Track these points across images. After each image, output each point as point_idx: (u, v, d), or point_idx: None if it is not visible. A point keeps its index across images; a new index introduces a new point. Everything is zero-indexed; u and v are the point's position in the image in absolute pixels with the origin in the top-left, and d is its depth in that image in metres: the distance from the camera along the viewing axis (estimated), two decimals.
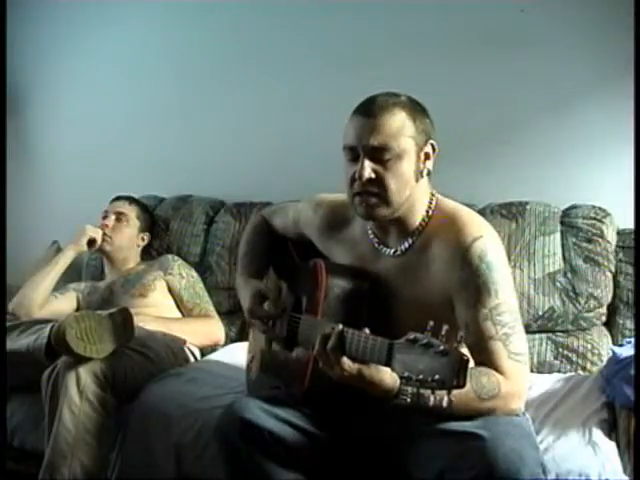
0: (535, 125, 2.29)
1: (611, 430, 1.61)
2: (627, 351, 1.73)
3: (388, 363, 1.15)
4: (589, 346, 2.04)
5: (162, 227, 2.62)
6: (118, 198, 2.54)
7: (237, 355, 2.05)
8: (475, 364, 1.29)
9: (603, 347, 2.03)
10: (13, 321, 2.12)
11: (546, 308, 2.08)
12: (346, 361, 1.23)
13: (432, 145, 1.42)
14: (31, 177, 3.06)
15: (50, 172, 3.03)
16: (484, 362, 1.30)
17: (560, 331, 2.10)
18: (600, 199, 2.15)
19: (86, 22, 2.91)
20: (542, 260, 2.10)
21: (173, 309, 2.35)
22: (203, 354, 2.25)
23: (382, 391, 1.23)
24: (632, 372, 1.62)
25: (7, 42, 2.61)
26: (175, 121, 2.80)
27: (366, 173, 1.36)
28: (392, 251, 1.47)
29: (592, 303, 2.07)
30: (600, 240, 2.09)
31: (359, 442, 1.44)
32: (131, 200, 2.54)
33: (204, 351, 2.26)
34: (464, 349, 1.30)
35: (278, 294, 1.64)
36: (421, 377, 1.08)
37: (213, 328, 2.30)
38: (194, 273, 2.41)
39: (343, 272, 1.48)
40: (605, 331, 2.09)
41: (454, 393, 1.08)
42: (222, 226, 2.54)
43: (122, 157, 2.87)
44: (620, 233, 2.11)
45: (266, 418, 1.40)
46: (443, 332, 1.09)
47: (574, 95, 2.24)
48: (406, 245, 1.45)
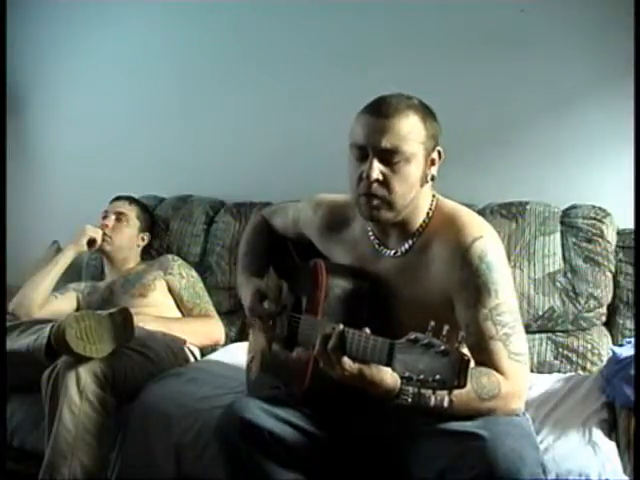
0: (535, 125, 2.29)
1: (611, 430, 1.61)
2: (627, 351, 1.73)
3: (389, 363, 1.15)
4: (589, 346, 2.04)
5: (162, 227, 2.62)
6: (118, 198, 2.54)
7: (237, 355, 2.05)
8: (475, 364, 1.29)
9: (603, 347, 2.03)
10: (13, 321, 2.12)
11: (546, 308, 2.08)
12: (347, 361, 1.23)
13: (439, 151, 1.42)
14: (31, 177, 3.06)
15: (50, 172, 3.03)
16: (484, 362, 1.30)
17: (560, 331, 2.10)
18: (600, 199, 2.15)
19: (86, 22, 2.91)
20: (542, 260, 2.10)
21: (173, 309, 2.35)
22: (203, 354, 2.25)
23: (383, 391, 1.23)
24: (632, 372, 1.62)
25: (7, 42, 2.61)
26: (175, 121, 2.80)
27: (374, 174, 1.35)
28: (392, 252, 1.47)
29: (592, 303, 2.07)
30: (600, 240, 2.09)
31: (359, 442, 1.44)
32: (131, 200, 2.54)
33: (204, 351, 2.26)
34: (464, 349, 1.30)
35: (279, 293, 1.64)
36: (422, 377, 1.08)
37: (213, 328, 2.30)
38: (194, 273, 2.41)
39: (343, 272, 1.48)
40: (605, 331, 2.09)
41: (455, 393, 1.08)
42: (222, 226, 2.54)
43: (122, 157, 2.87)
44: (620, 233, 2.11)
45: (266, 418, 1.40)
46: (444, 332, 1.09)
47: (574, 95, 2.24)
48: (406, 246, 1.45)
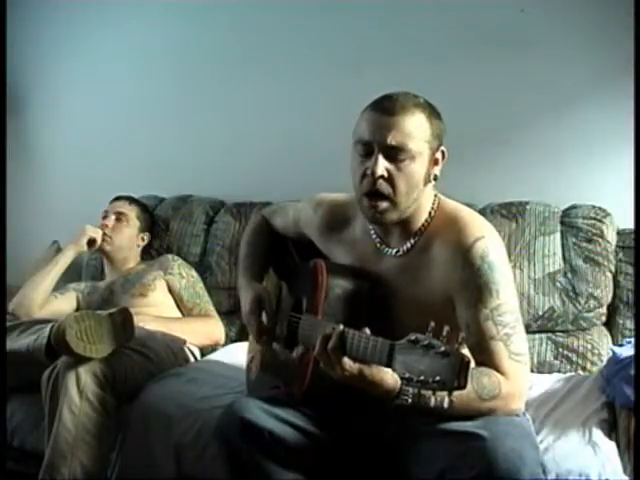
0: (535, 125, 2.29)
1: (611, 430, 1.61)
2: (627, 351, 1.73)
3: (389, 364, 1.15)
4: (589, 346, 2.04)
5: (162, 227, 2.62)
6: (118, 198, 2.54)
7: (237, 355, 2.05)
8: (476, 364, 1.29)
9: (603, 347, 2.03)
10: (13, 321, 2.12)
11: (546, 308, 2.08)
12: (347, 361, 1.23)
13: (442, 151, 1.42)
14: (31, 177, 3.06)
15: (50, 172, 3.03)
16: (485, 362, 1.30)
17: (560, 331, 2.10)
18: (600, 199, 2.15)
19: (86, 22, 2.91)
20: (542, 260, 2.10)
21: (173, 309, 2.35)
22: (203, 354, 2.25)
23: (383, 391, 1.23)
24: (632, 372, 1.62)
25: (7, 42, 2.61)
26: (175, 121, 2.80)
27: (379, 170, 1.35)
28: (394, 251, 1.46)
29: (592, 303, 2.07)
30: (600, 240, 2.09)
31: (359, 442, 1.44)
32: (131, 200, 2.54)
33: (204, 351, 2.26)
34: (465, 350, 1.30)
35: (279, 294, 1.64)
36: (422, 378, 1.08)
37: (213, 328, 2.30)
38: (194, 273, 2.41)
39: (343, 272, 1.47)
40: (605, 331, 2.09)
41: (455, 393, 1.08)
42: (222, 226, 2.54)
43: (122, 157, 2.87)
44: (620, 233, 2.11)
45: (266, 418, 1.40)
46: (444, 333, 1.09)
47: (574, 95, 2.24)
48: (408, 245, 1.44)
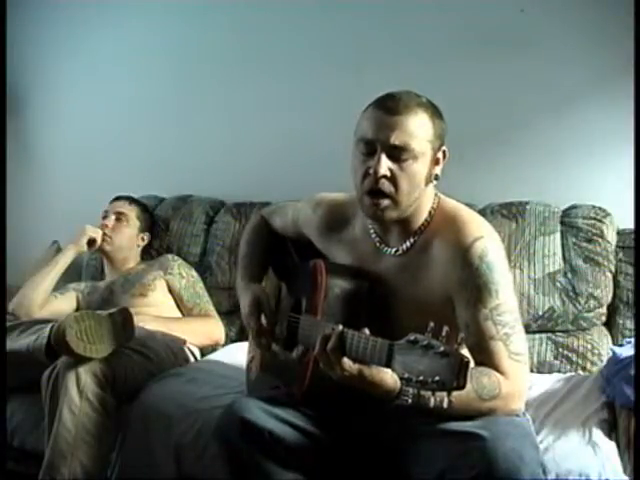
0: (535, 125, 2.28)
1: (611, 430, 1.61)
2: (627, 351, 1.73)
3: (388, 364, 1.15)
4: (589, 346, 2.04)
5: (162, 227, 2.62)
6: (118, 198, 2.54)
7: (237, 355, 2.05)
8: (475, 364, 1.29)
9: (603, 347, 2.03)
10: (13, 321, 2.12)
11: (546, 308, 2.08)
12: (346, 361, 1.23)
13: (443, 151, 1.42)
14: (31, 177, 3.06)
15: (50, 172, 3.03)
16: (484, 362, 1.30)
17: (560, 331, 2.10)
18: (600, 199, 2.15)
19: (86, 22, 2.91)
20: (542, 260, 2.10)
21: (173, 309, 2.35)
22: (203, 354, 2.25)
23: (383, 392, 1.23)
24: (632, 372, 1.62)
25: (7, 42, 2.61)
26: (175, 121, 2.80)
27: (382, 170, 1.35)
28: (394, 250, 1.46)
29: (592, 303, 2.07)
30: (600, 240, 2.09)
31: (359, 442, 1.44)
32: (131, 200, 2.54)
33: (204, 351, 2.26)
34: (464, 350, 1.30)
35: (278, 294, 1.64)
36: (421, 378, 1.08)
37: (213, 328, 2.30)
38: (194, 273, 2.41)
39: (343, 272, 1.47)
40: (605, 331, 2.09)
41: (455, 394, 1.08)
42: (222, 226, 2.54)
43: (122, 157, 2.87)
44: (620, 233, 2.11)
45: (266, 418, 1.40)
46: (443, 333, 1.09)
47: (574, 95, 2.24)
48: (408, 244, 1.44)
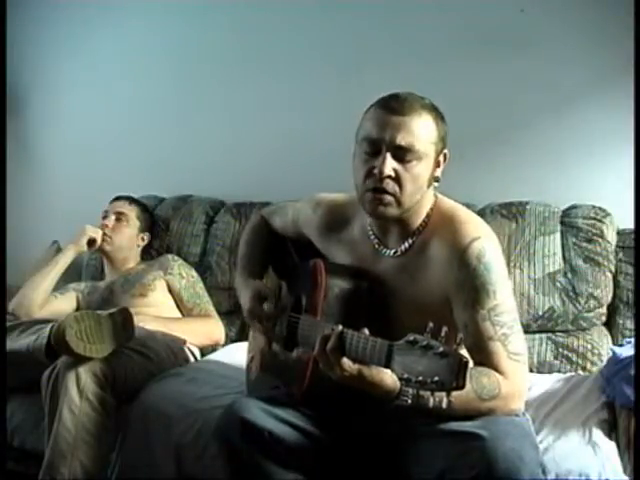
0: (535, 125, 2.28)
1: (611, 430, 1.61)
2: (627, 351, 1.73)
3: (387, 364, 1.15)
4: (589, 346, 2.04)
5: (162, 227, 2.62)
6: (118, 198, 2.54)
7: (237, 355, 2.05)
8: (474, 364, 1.29)
9: (603, 347, 2.03)
10: (13, 321, 2.13)
11: (546, 308, 2.08)
12: (346, 362, 1.23)
13: (444, 154, 1.42)
14: (31, 177, 3.06)
15: (50, 172, 3.03)
16: (483, 362, 1.30)
17: (560, 331, 2.10)
18: (600, 199, 2.15)
19: (86, 22, 2.91)
20: (542, 260, 2.10)
21: (173, 309, 2.35)
22: (203, 354, 2.25)
23: (383, 392, 1.23)
24: (632, 372, 1.62)
25: (7, 42, 2.60)
26: (175, 121, 2.80)
27: (387, 170, 1.34)
28: (392, 251, 1.46)
29: (592, 303, 2.07)
30: (600, 240, 2.09)
31: (359, 442, 1.44)
32: (131, 200, 2.54)
33: (204, 351, 2.26)
34: (463, 350, 1.30)
35: (278, 294, 1.64)
36: (420, 379, 1.08)
37: (213, 328, 2.30)
38: (194, 273, 2.41)
39: (342, 272, 1.47)
40: (605, 331, 2.09)
41: (455, 394, 1.08)
42: (222, 226, 2.54)
43: (122, 157, 2.87)
44: (620, 233, 2.11)
45: (266, 418, 1.40)
46: (442, 334, 1.09)
47: (574, 95, 2.24)
48: (406, 245, 1.44)
